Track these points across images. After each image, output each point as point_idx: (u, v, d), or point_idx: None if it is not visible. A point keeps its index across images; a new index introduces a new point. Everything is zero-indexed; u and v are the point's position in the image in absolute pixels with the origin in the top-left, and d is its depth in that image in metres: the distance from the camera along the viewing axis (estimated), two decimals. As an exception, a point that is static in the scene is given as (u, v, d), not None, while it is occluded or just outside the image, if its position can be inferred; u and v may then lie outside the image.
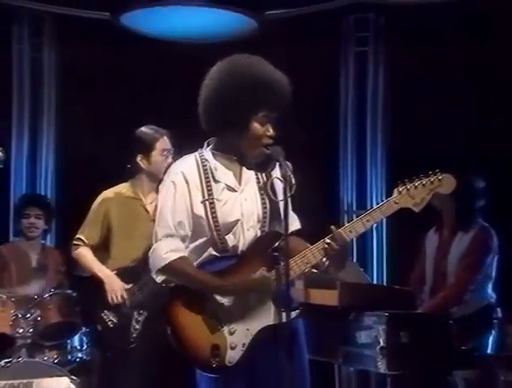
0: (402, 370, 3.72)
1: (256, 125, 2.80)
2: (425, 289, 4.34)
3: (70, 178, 6.02)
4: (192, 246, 2.83)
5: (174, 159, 3.95)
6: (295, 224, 2.92)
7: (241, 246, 2.80)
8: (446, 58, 5.64)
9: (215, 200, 2.80)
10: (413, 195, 2.75)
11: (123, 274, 4.03)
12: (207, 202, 2.80)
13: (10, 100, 6.08)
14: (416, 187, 2.75)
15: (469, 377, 3.91)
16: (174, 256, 2.77)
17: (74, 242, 4.15)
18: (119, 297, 3.97)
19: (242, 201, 2.82)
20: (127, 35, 5.79)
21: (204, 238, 2.82)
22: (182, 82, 5.69)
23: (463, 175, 4.21)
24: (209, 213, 2.80)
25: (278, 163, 2.80)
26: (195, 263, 2.82)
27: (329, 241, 2.73)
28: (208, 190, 2.81)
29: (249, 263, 2.77)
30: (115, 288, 3.98)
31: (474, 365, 3.91)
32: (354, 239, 5.85)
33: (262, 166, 2.87)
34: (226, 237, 2.80)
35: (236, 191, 2.83)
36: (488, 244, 4.21)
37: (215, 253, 2.82)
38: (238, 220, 2.80)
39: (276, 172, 2.86)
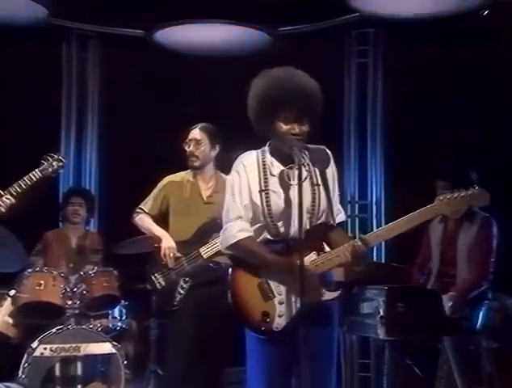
0: (399, 336, 3.73)
1: (281, 125, 2.79)
2: (433, 272, 4.24)
3: (111, 173, 6.00)
4: (251, 229, 2.83)
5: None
6: (340, 216, 2.91)
7: (292, 233, 2.78)
8: (439, 68, 5.57)
9: (270, 192, 2.81)
10: (452, 204, 2.72)
11: (177, 246, 3.99)
12: (263, 193, 2.81)
13: (59, 105, 6.07)
14: (456, 197, 2.72)
15: (456, 342, 3.88)
16: (244, 235, 2.80)
17: (137, 210, 4.15)
18: (170, 254, 3.94)
19: (294, 193, 2.77)
20: (158, 49, 5.78)
21: (260, 224, 2.83)
22: (204, 90, 5.78)
23: (462, 175, 4.22)
24: (264, 203, 2.81)
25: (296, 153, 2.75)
26: None
27: (357, 245, 2.72)
28: (265, 182, 2.83)
29: (301, 249, 2.71)
30: (169, 245, 3.95)
31: (461, 333, 3.88)
32: (357, 223, 6.01)
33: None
34: (278, 223, 2.81)
35: (290, 184, 2.81)
36: (494, 232, 4.14)
37: (269, 236, 2.83)
38: (289, 209, 2.78)
39: (332, 169, 2.88)
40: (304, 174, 2.83)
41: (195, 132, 4.08)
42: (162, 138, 5.62)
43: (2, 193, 3.52)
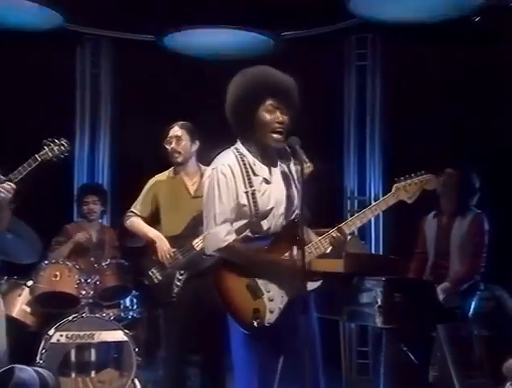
0: (395, 324, 3.73)
1: (264, 115, 2.73)
2: (428, 264, 4.27)
3: (122, 169, 6.03)
4: (233, 228, 2.78)
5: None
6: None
7: (272, 229, 2.77)
8: (435, 69, 5.59)
9: (255, 191, 2.76)
10: (407, 190, 2.79)
11: (169, 240, 3.96)
12: (249, 193, 2.75)
13: (74, 106, 6.11)
14: (410, 184, 2.78)
15: (449, 330, 3.88)
16: (232, 238, 2.74)
17: (128, 213, 4.10)
18: (167, 255, 3.91)
19: (274, 191, 2.78)
20: (167, 53, 5.80)
21: (244, 222, 2.78)
22: (209, 92, 5.77)
23: (461, 169, 4.25)
24: (251, 202, 2.75)
25: (294, 150, 2.75)
26: None
27: (334, 235, 2.74)
28: (249, 182, 2.76)
29: (283, 244, 2.75)
30: (164, 247, 3.92)
31: (454, 320, 3.90)
32: (356, 230, 5.97)
33: (283, 156, 2.83)
34: (261, 222, 2.77)
35: (269, 182, 2.78)
36: (485, 227, 4.17)
37: (249, 234, 2.79)
38: (272, 208, 2.76)
39: (292, 163, 2.83)
40: (279, 171, 2.81)
41: (175, 130, 4.02)
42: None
43: (3, 178, 3.38)
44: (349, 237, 2.90)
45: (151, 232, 3.98)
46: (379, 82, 5.98)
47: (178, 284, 3.91)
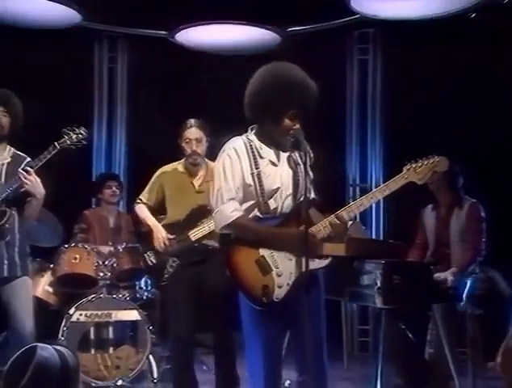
0: (394, 305, 3.71)
1: (287, 121, 2.75)
2: (429, 252, 4.23)
3: (137, 159, 6.00)
4: (242, 208, 2.78)
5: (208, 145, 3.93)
6: (313, 193, 2.86)
7: (280, 210, 2.75)
8: (433, 62, 5.55)
9: (261, 173, 2.75)
10: (418, 172, 2.74)
11: (170, 227, 3.96)
12: (255, 174, 2.75)
13: (92, 98, 6.09)
14: (420, 166, 2.74)
15: (444, 309, 3.89)
16: (238, 214, 2.72)
17: (136, 200, 4.10)
18: (161, 243, 3.91)
19: (281, 174, 2.77)
20: (179, 48, 5.76)
21: (252, 202, 2.76)
22: (220, 85, 5.69)
23: (454, 161, 4.20)
24: (257, 183, 2.75)
25: (298, 141, 2.74)
26: None
27: (333, 221, 2.70)
28: (256, 164, 2.76)
29: (291, 224, 2.72)
30: (160, 236, 3.92)
31: (448, 301, 3.88)
32: (357, 216, 5.92)
33: (292, 147, 2.82)
34: (269, 201, 2.75)
35: (276, 165, 2.78)
36: (482, 215, 4.12)
37: (258, 214, 2.76)
38: (278, 188, 2.75)
39: (305, 147, 2.77)
40: (286, 155, 2.80)
41: (195, 132, 3.93)
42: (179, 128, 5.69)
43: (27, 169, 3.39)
44: (350, 222, 2.88)
45: (150, 220, 3.99)
46: (380, 75, 5.95)
47: (170, 269, 3.90)
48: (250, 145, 2.78)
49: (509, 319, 3.75)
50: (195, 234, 3.87)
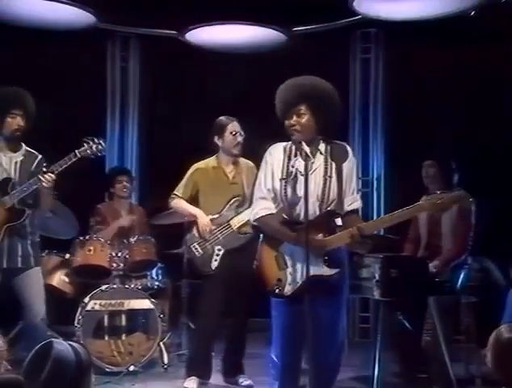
0: (391, 297, 3.70)
1: (286, 121, 2.86)
2: (422, 244, 4.27)
3: (149, 154, 6.04)
4: (273, 207, 2.91)
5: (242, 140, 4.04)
6: (354, 204, 2.92)
7: (302, 217, 2.78)
8: (434, 60, 5.56)
9: (288, 180, 2.86)
10: (439, 205, 2.82)
11: (210, 220, 4.06)
12: (283, 181, 2.87)
13: (105, 96, 6.10)
14: (442, 199, 2.80)
15: (439, 301, 3.90)
16: (264, 213, 2.88)
17: (172, 195, 4.16)
18: (207, 228, 4.00)
19: (310, 182, 2.81)
20: (188, 47, 5.76)
21: (281, 205, 2.90)
22: (228, 82, 5.71)
23: (446, 158, 4.20)
24: (282, 189, 2.87)
25: (299, 146, 2.83)
26: None
27: (353, 231, 2.77)
28: (287, 172, 2.87)
29: (313, 229, 2.79)
30: (205, 222, 4.01)
31: (444, 293, 3.90)
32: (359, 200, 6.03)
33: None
34: (292, 208, 2.87)
35: (303, 175, 2.81)
36: (472, 210, 4.14)
37: (286, 217, 2.89)
38: (301, 197, 2.81)
39: (349, 163, 2.88)
40: (316, 165, 2.85)
41: (237, 125, 4.05)
42: (193, 125, 5.60)
43: (45, 170, 3.49)
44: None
45: (194, 210, 4.08)
46: (382, 73, 5.95)
47: (217, 258, 3.99)
48: (289, 154, 2.89)
49: (503, 307, 3.83)
50: (236, 222, 3.99)
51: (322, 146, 2.89)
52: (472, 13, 5.02)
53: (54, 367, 1.80)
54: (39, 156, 3.67)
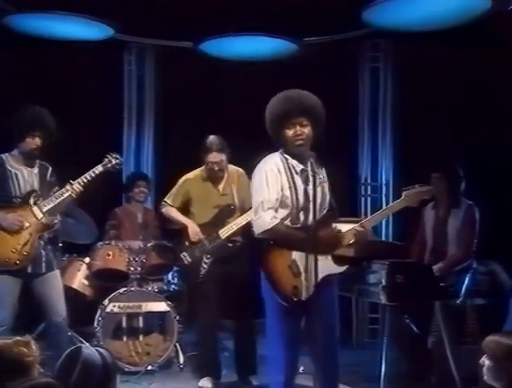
0: (397, 302, 3.81)
1: (286, 131, 2.97)
2: (427, 250, 4.36)
3: (164, 161, 6.12)
4: (279, 216, 2.99)
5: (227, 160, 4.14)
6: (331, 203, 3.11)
7: (308, 222, 2.96)
8: (440, 68, 5.63)
9: (297, 187, 2.97)
10: (413, 197, 3.08)
11: (200, 228, 4.18)
12: (292, 188, 2.97)
13: (122, 105, 6.19)
14: (416, 192, 3.05)
15: (444, 304, 3.99)
16: (276, 222, 2.95)
17: (162, 202, 4.33)
18: (196, 236, 4.13)
19: (310, 190, 2.96)
20: (203, 58, 5.85)
21: (286, 212, 2.99)
22: (241, 91, 5.83)
23: (452, 167, 4.30)
24: (294, 196, 2.97)
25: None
26: None
27: (358, 229, 2.99)
28: (293, 179, 2.98)
29: (316, 232, 2.92)
30: (195, 231, 4.15)
31: (448, 298, 3.99)
32: (369, 202, 6.12)
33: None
34: (299, 214, 2.99)
35: (307, 182, 2.97)
36: (477, 217, 4.23)
37: (289, 224, 3.00)
38: (309, 202, 2.95)
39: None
40: (313, 173, 2.99)
41: (216, 156, 4.11)
42: (203, 132, 5.80)
43: (73, 182, 3.69)
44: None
45: (182, 218, 4.22)
46: (390, 81, 6.03)
47: (205, 266, 4.12)
48: (287, 163, 3.00)
49: (508, 309, 3.90)
50: (224, 232, 4.11)
51: (312, 154, 3.05)
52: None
53: (83, 370, 1.95)
54: (49, 167, 3.85)
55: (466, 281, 4.16)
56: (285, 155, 3.02)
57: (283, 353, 2.98)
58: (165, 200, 4.32)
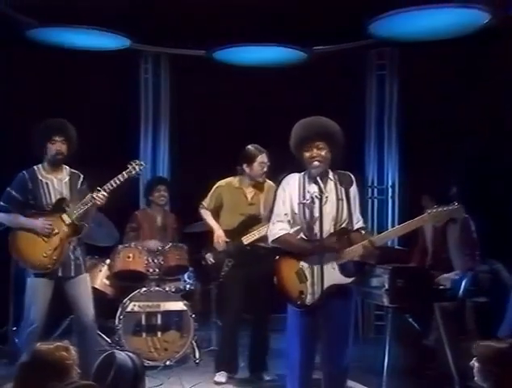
0: (399, 304, 4.03)
1: (305, 153, 3.23)
2: (429, 255, 4.56)
3: (179, 166, 6.25)
4: (289, 229, 3.25)
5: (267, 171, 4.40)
6: (359, 223, 3.28)
7: (319, 235, 3.11)
8: (442, 79, 5.72)
9: (306, 204, 3.19)
10: (437, 216, 3.10)
11: (225, 233, 4.44)
12: (301, 204, 3.22)
13: (138, 111, 6.30)
14: (440, 211, 3.08)
15: (442, 305, 4.17)
16: (282, 232, 3.23)
17: (200, 205, 4.56)
18: (220, 240, 4.40)
19: (323, 206, 3.13)
20: (216, 66, 5.97)
21: (298, 227, 3.25)
22: (253, 98, 5.99)
23: (447, 185, 4.50)
24: (301, 212, 3.21)
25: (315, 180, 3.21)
26: None
27: (366, 244, 3.14)
28: (303, 197, 3.22)
29: (329, 244, 3.15)
30: (220, 235, 4.41)
31: (446, 300, 4.19)
32: (376, 204, 6.31)
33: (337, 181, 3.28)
34: (309, 228, 3.20)
35: (319, 198, 3.15)
36: (472, 228, 4.45)
37: (303, 236, 3.24)
38: (318, 217, 3.13)
39: (354, 188, 3.26)
40: (329, 191, 3.22)
41: (265, 157, 4.38)
42: (217, 138, 5.93)
43: (100, 189, 3.86)
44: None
45: (212, 222, 4.48)
46: (396, 88, 6.18)
47: (226, 268, 4.38)
48: (303, 182, 3.26)
49: (509, 307, 4.08)
50: (247, 238, 4.37)
51: (331, 175, 3.30)
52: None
53: (117, 374, 2.20)
54: (81, 175, 4.05)
55: (464, 283, 4.35)
56: (304, 175, 3.27)
57: (300, 352, 3.20)
58: (202, 202, 4.57)
